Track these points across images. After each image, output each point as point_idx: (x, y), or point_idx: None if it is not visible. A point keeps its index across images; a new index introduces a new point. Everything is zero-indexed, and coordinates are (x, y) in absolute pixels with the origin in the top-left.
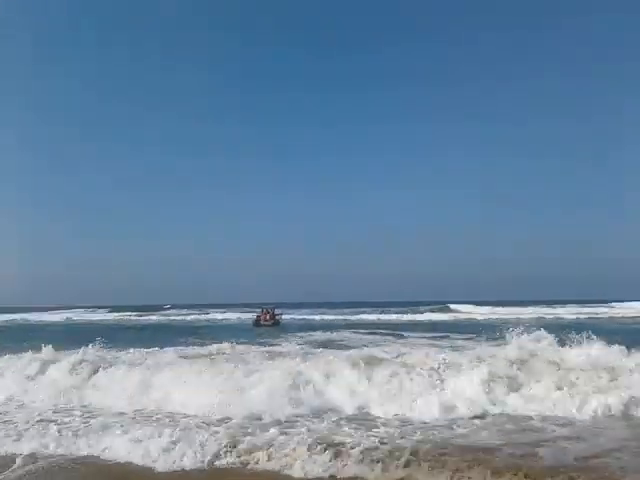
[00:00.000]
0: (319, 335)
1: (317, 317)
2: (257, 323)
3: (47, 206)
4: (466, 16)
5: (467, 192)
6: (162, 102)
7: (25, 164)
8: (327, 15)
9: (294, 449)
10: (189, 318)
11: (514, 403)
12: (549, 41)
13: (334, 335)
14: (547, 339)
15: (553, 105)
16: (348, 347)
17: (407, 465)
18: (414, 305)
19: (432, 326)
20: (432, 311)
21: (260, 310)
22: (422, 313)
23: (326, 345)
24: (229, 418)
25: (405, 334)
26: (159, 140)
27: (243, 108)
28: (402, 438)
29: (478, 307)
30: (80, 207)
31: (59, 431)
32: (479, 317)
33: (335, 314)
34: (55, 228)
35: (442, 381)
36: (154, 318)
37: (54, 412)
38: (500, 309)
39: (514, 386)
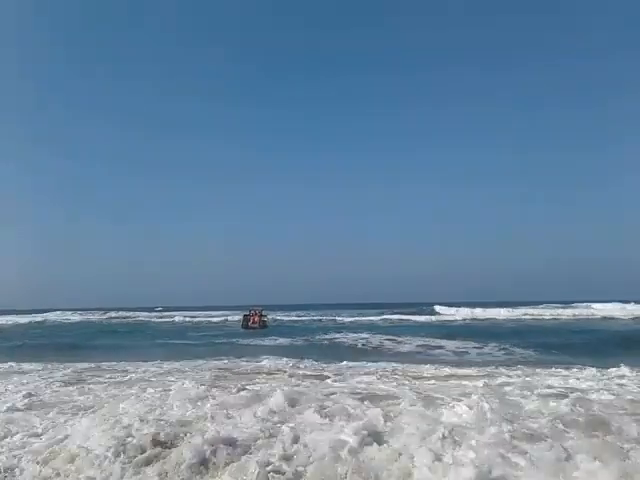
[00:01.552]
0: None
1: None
2: (246, 326)
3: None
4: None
5: (458, 192)
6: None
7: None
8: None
9: None
10: (176, 320)
11: None
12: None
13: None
14: None
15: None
16: None
17: None
18: (404, 307)
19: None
20: (412, 314)
21: (248, 312)
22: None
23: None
24: None
25: None
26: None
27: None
28: None
29: (456, 309)
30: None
31: None
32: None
33: (317, 315)
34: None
35: None
36: (132, 319)
37: None
38: (480, 311)
39: None
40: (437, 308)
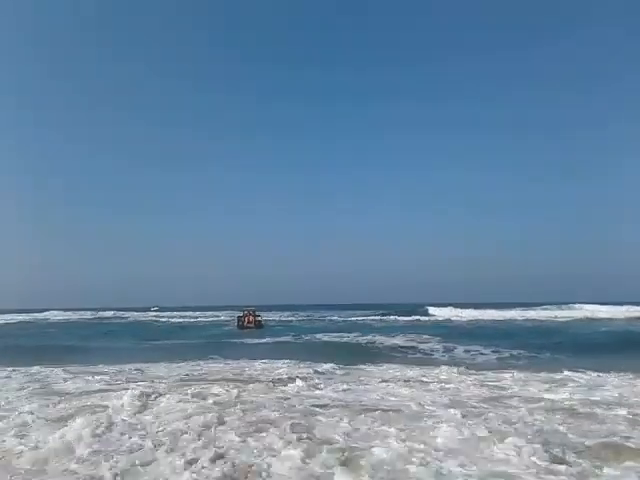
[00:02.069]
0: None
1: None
2: (241, 326)
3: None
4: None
5: (454, 198)
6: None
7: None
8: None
9: None
10: (171, 320)
11: None
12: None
13: None
14: None
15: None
16: None
17: None
18: (397, 307)
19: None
20: (405, 314)
21: (242, 312)
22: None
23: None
24: None
25: None
26: None
27: None
28: None
29: (451, 309)
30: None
31: None
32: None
33: (310, 316)
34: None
35: None
36: (125, 320)
37: None
38: (475, 312)
39: None
40: (430, 309)
